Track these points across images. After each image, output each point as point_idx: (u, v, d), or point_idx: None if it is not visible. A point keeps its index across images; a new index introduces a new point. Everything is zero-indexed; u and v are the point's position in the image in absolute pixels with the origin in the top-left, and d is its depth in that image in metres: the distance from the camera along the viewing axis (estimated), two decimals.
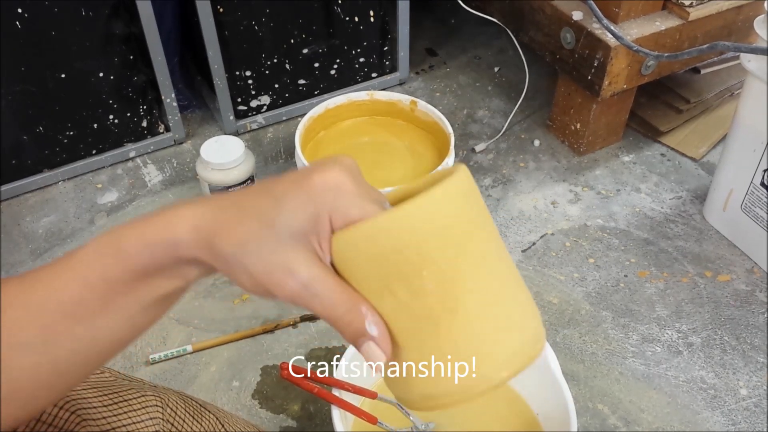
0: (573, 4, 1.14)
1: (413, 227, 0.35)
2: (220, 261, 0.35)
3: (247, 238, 0.35)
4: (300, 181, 0.36)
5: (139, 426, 0.49)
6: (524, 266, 1.06)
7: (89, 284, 0.35)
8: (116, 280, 0.35)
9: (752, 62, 0.95)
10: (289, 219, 0.35)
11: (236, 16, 1.13)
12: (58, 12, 1.01)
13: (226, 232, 0.35)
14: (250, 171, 1.01)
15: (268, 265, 0.34)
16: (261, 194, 0.36)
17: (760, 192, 1.01)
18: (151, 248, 0.35)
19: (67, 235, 1.10)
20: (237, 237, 0.35)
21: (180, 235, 0.35)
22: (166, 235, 0.35)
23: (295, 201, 0.35)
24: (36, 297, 0.35)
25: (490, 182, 1.20)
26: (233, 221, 0.35)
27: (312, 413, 0.89)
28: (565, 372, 0.82)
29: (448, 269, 0.35)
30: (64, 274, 0.36)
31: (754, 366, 0.94)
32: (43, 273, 0.36)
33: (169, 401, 0.54)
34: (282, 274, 0.34)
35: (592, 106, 1.17)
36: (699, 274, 1.05)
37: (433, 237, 0.35)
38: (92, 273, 0.36)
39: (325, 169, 0.36)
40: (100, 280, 0.35)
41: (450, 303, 0.35)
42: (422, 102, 1.00)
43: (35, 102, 1.08)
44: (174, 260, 0.36)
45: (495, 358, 0.36)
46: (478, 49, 1.49)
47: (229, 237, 0.35)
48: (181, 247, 0.35)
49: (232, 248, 0.35)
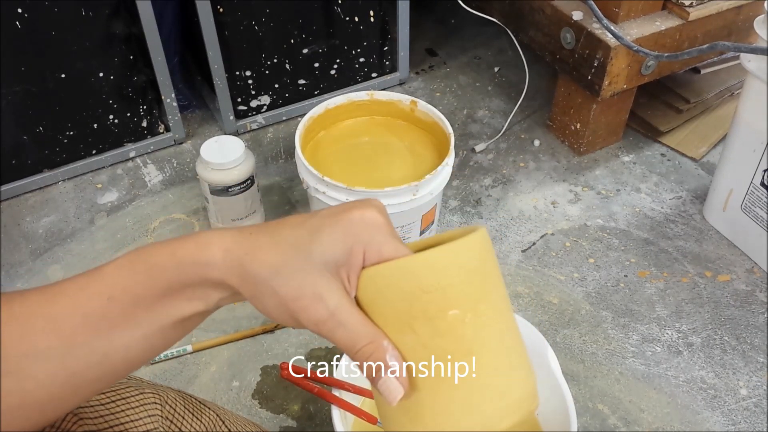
0: (573, 4, 1.14)
1: (443, 269, 0.37)
2: (248, 283, 0.36)
3: (280, 262, 0.36)
4: (337, 216, 0.37)
5: (138, 423, 0.49)
6: (524, 266, 1.06)
7: (114, 297, 0.36)
8: (141, 295, 0.36)
9: (752, 62, 0.95)
10: (324, 248, 0.36)
11: (236, 16, 1.13)
12: (58, 12, 1.01)
13: (258, 255, 0.36)
14: (250, 171, 1.01)
15: (298, 289, 0.35)
16: (294, 226, 0.37)
17: (760, 192, 1.01)
18: (180, 266, 0.36)
19: (67, 235, 1.10)
20: (270, 260, 0.36)
21: (211, 256, 0.36)
22: (197, 256, 0.36)
23: (331, 233, 0.37)
24: (59, 308, 0.36)
25: (490, 182, 1.20)
26: (266, 246, 0.36)
27: (312, 413, 0.89)
28: (565, 372, 0.82)
29: (469, 313, 0.37)
30: (90, 287, 0.36)
31: (754, 366, 0.94)
32: (68, 286, 0.37)
33: (168, 398, 0.54)
34: (311, 299, 0.35)
35: (592, 106, 1.17)
36: (699, 274, 1.05)
37: (459, 281, 0.37)
38: (118, 286, 0.36)
39: (363, 207, 0.38)
40: (126, 293, 0.36)
41: (468, 345, 0.37)
42: (422, 102, 1.00)
43: (35, 102, 1.08)
44: (201, 281, 0.36)
45: (503, 404, 0.38)
46: (478, 49, 1.49)
47: (261, 259, 0.36)
48: (210, 268, 0.36)
49: (263, 270, 0.36)
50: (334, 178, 0.88)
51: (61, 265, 1.05)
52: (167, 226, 1.11)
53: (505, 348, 0.39)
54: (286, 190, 1.18)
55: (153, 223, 1.12)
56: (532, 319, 0.98)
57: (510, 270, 1.06)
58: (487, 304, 0.38)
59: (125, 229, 1.11)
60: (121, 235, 1.10)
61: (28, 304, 0.36)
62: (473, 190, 1.18)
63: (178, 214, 1.13)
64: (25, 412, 0.36)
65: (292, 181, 1.19)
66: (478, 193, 1.18)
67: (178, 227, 1.11)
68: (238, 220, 1.06)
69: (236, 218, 1.05)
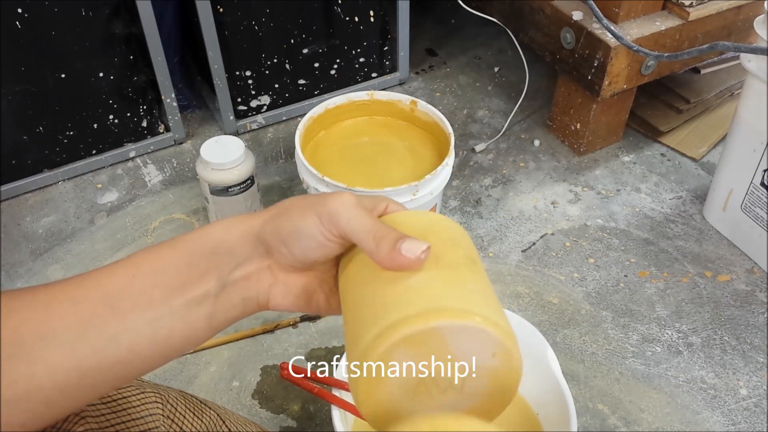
0: (573, 4, 1.14)
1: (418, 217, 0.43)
2: (274, 236, 0.40)
3: (291, 204, 0.42)
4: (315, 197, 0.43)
5: (139, 423, 0.49)
6: (524, 266, 1.06)
7: (137, 276, 0.38)
8: (165, 271, 0.39)
9: (752, 62, 0.95)
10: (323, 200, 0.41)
11: (236, 16, 1.13)
12: (58, 12, 1.01)
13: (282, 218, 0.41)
14: (250, 171, 1.01)
15: (319, 198, 0.40)
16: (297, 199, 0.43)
17: (760, 192, 1.01)
18: (207, 235, 0.40)
19: (67, 235, 1.10)
20: (288, 208, 0.41)
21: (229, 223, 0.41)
22: (219, 225, 0.41)
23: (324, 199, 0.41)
24: (83, 289, 0.38)
25: (490, 182, 1.20)
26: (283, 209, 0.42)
27: (312, 413, 0.89)
28: (565, 372, 0.82)
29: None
30: (116, 268, 0.39)
31: (754, 366, 0.94)
32: (96, 270, 0.39)
33: (169, 398, 0.54)
34: (332, 195, 0.40)
35: (592, 106, 1.17)
36: (699, 274, 1.05)
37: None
38: (145, 264, 0.39)
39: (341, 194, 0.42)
40: (149, 273, 0.39)
41: None
42: (422, 102, 1.00)
43: (35, 102, 1.08)
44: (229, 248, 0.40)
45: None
46: (478, 49, 1.49)
47: (285, 217, 0.41)
48: (230, 230, 0.41)
49: (277, 222, 0.41)
50: (334, 178, 0.88)
51: (61, 265, 1.05)
52: (167, 226, 1.11)
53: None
54: (286, 190, 1.18)
55: (153, 223, 1.12)
56: (532, 319, 0.98)
57: (510, 270, 1.06)
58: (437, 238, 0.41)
59: (125, 229, 1.11)
60: (121, 235, 1.10)
61: (52, 290, 0.37)
62: (473, 190, 1.18)
63: (178, 214, 1.13)
64: (30, 402, 0.35)
65: (292, 181, 1.19)
66: (478, 193, 1.18)
67: (178, 227, 1.11)
68: None
69: None
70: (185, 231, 1.12)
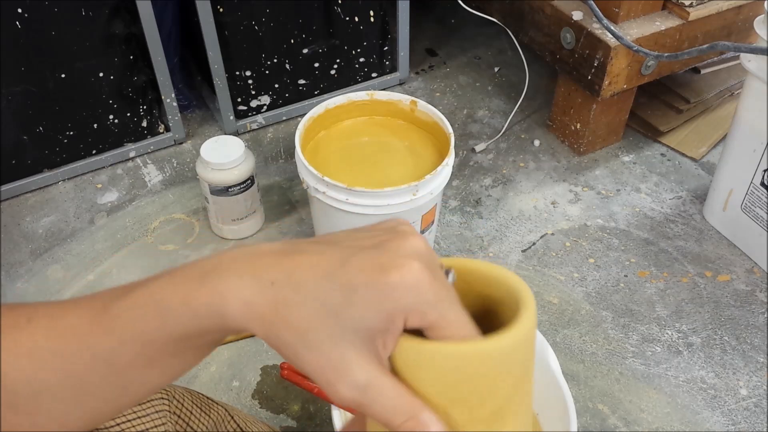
0: (573, 4, 1.14)
1: (495, 360, 0.35)
2: (272, 341, 0.33)
3: (306, 327, 0.32)
4: (374, 275, 0.33)
5: (146, 420, 0.49)
6: (524, 266, 1.06)
7: (127, 342, 0.34)
8: (156, 341, 0.34)
9: (752, 62, 0.95)
10: (358, 313, 0.32)
11: (236, 16, 1.13)
12: (58, 12, 1.01)
13: (283, 313, 0.32)
14: (250, 171, 1.01)
15: (325, 361, 0.32)
16: (324, 278, 0.33)
17: (760, 192, 1.01)
18: (196, 317, 0.33)
19: (67, 235, 1.10)
20: (295, 322, 0.32)
21: (228, 308, 0.33)
22: (213, 307, 0.33)
23: (367, 296, 0.32)
24: (69, 348, 0.34)
25: (490, 182, 1.20)
26: (291, 303, 0.32)
27: (312, 413, 0.89)
28: (565, 372, 0.82)
29: (504, 404, 0.36)
30: (99, 327, 0.34)
31: (754, 366, 0.94)
32: (78, 322, 0.35)
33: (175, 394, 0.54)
34: (338, 374, 0.32)
35: (592, 106, 1.17)
36: (699, 274, 1.05)
37: (506, 374, 0.36)
38: (130, 332, 0.34)
39: (404, 264, 0.33)
40: (139, 340, 0.34)
41: None
42: (422, 102, 1.00)
43: (35, 102, 1.08)
44: (219, 329, 0.34)
45: None
46: (478, 49, 1.49)
47: (286, 320, 0.32)
48: (229, 320, 0.33)
49: (288, 334, 0.32)
50: (334, 178, 0.88)
51: (61, 265, 1.05)
52: (167, 226, 1.11)
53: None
54: (286, 190, 1.18)
55: (153, 223, 1.12)
56: None
57: (510, 270, 1.06)
58: (523, 394, 0.37)
59: (125, 229, 1.11)
60: (121, 235, 1.10)
61: (37, 337, 0.34)
62: (473, 190, 1.18)
63: (178, 214, 1.13)
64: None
65: (292, 181, 1.19)
66: (478, 193, 1.18)
67: (178, 227, 1.11)
68: (238, 220, 1.06)
69: (236, 218, 1.05)
70: (185, 231, 1.12)
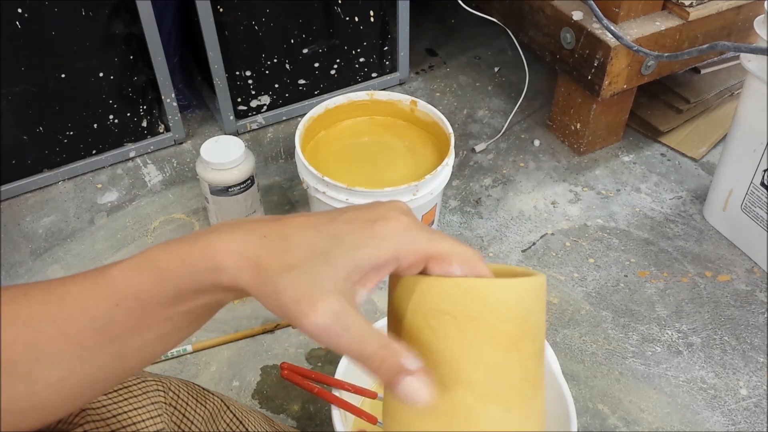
0: (573, 4, 1.14)
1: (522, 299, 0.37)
2: (257, 284, 0.34)
3: (293, 264, 0.34)
4: (362, 224, 0.35)
5: (141, 411, 0.49)
6: (524, 266, 1.06)
7: (122, 303, 0.34)
8: (151, 301, 0.35)
9: (752, 62, 0.95)
10: (347, 253, 0.34)
11: (236, 16, 1.13)
12: (58, 12, 1.01)
13: (273, 257, 0.34)
14: (250, 171, 1.01)
15: (302, 293, 0.33)
16: (313, 230, 0.35)
17: (760, 192, 1.01)
18: (191, 272, 0.34)
19: (67, 235, 1.10)
20: (284, 262, 0.34)
21: (222, 261, 0.34)
22: (208, 261, 0.34)
23: (355, 239, 0.35)
24: (65, 312, 0.35)
25: (490, 182, 1.20)
26: (281, 249, 0.34)
27: (312, 413, 0.89)
28: (565, 372, 0.82)
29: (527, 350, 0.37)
30: (96, 291, 0.35)
31: (754, 366, 0.94)
32: (73, 287, 0.35)
33: (171, 385, 0.54)
34: (312, 302, 0.33)
35: (592, 106, 1.17)
36: (699, 274, 1.05)
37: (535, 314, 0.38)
38: (126, 291, 0.35)
39: (392, 217, 0.36)
40: (134, 299, 0.34)
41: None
42: (422, 102, 1.00)
43: (35, 102, 1.08)
44: (213, 285, 0.35)
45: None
46: (478, 49, 1.49)
47: (275, 262, 0.34)
48: (222, 273, 0.34)
49: (275, 272, 0.34)
50: (334, 178, 0.88)
51: (61, 265, 1.05)
52: (167, 226, 1.11)
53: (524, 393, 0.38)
54: (286, 190, 1.18)
55: (153, 223, 1.12)
56: None
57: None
58: (537, 348, 0.38)
59: (125, 229, 1.11)
60: (121, 235, 1.10)
61: (34, 305, 0.35)
62: (473, 190, 1.18)
63: (178, 214, 1.13)
64: (35, 413, 0.35)
65: (292, 181, 1.19)
66: (478, 193, 1.18)
67: (178, 227, 1.11)
68: None
69: (236, 218, 1.05)
70: (185, 231, 1.12)
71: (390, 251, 0.35)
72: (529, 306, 0.37)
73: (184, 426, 0.53)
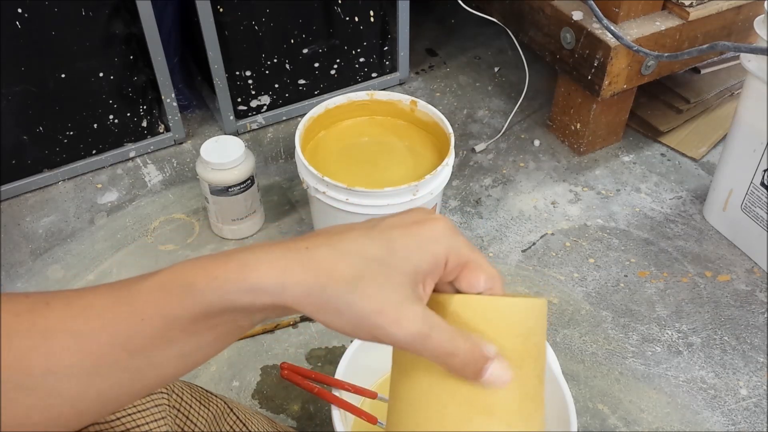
0: (573, 4, 1.14)
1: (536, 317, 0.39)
2: (315, 301, 0.33)
3: (356, 274, 0.33)
4: (408, 228, 0.35)
5: (145, 414, 0.49)
6: (524, 266, 1.06)
7: (146, 319, 0.33)
8: (176, 317, 0.33)
9: (752, 62, 0.95)
10: (403, 259, 0.34)
11: (236, 16, 1.13)
12: (58, 12, 1.01)
13: (326, 268, 0.33)
14: (250, 171, 1.01)
15: (382, 302, 0.32)
16: (360, 236, 0.34)
17: (760, 192, 1.01)
18: (222, 291, 0.33)
19: (67, 235, 1.10)
20: (343, 273, 0.33)
21: (259, 280, 0.33)
22: (243, 280, 0.33)
23: (407, 243, 0.34)
24: (87, 326, 0.34)
25: (490, 182, 1.20)
26: (332, 258, 0.33)
27: (312, 413, 0.89)
28: (565, 372, 0.82)
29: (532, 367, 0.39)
30: (120, 307, 0.34)
31: (754, 366, 0.94)
32: (96, 300, 0.34)
33: (174, 388, 0.54)
34: (399, 311, 0.32)
35: (592, 106, 1.17)
36: (699, 274, 1.05)
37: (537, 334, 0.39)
38: (151, 308, 0.33)
39: (434, 218, 0.36)
40: (159, 316, 0.33)
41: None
42: (422, 102, 1.00)
43: (35, 102, 1.08)
44: (246, 306, 0.33)
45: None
46: (478, 49, 1.49)
47: (331, 274, 0.33)
48: (259, 293, 0.33)
49: (336, 285, 0.32)
50: (334, 178, 0.88)
51: (61, 265, 1.05)
52: (167, 226, 1.11)
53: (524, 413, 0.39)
54: (286, 190, 1.18)
55: (153, 223, 1.12)
56: None
57: (510, 270, 1.06)
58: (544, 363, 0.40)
59: (125, 229, 1.11)
60: (121, 235, 1.10)
61: (52, 317, 0.34)
62: (473, 190, 1.18)
63: (178, 214, 1.13)
64: (49, 426, 0.34)
65: (292, 181, 1.19)
66: (478, 193, 1.18)
67: (178, 227, 1.11)
68: (238, 220, 1.06)
69: (236, 218, 1.05)
70: (185, 231, 1.12)
71: (442, 252, 0.35)
72: (530, 326, 0.38)
73: (187, 428, 0.53)
